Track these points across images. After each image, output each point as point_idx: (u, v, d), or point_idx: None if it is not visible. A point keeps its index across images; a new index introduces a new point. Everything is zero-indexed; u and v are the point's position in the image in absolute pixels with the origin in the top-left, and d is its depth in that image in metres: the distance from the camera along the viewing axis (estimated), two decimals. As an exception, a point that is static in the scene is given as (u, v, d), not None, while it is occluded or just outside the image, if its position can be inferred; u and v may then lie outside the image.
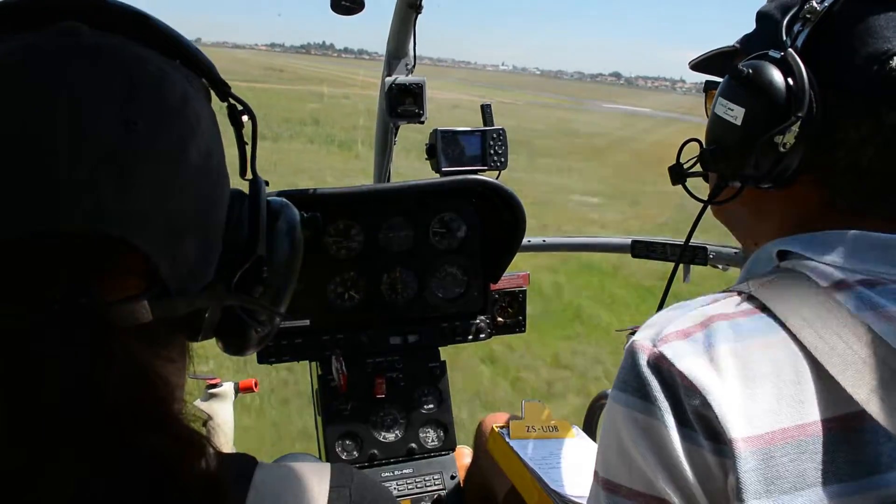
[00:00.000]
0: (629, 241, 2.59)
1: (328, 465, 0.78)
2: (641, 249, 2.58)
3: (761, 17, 0.97)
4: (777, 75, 0.86)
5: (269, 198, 0.77)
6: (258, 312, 0.75)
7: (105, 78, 0.60)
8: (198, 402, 1.91)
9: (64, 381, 0.54)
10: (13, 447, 0.54)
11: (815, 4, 0.86)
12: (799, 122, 0.84)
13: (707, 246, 2.40)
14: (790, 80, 0.85)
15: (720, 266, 2.44)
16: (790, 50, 0.86)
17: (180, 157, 0.63)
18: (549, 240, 2.71)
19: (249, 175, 0.77)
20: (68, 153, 0.56)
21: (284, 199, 0.80)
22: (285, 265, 0.78)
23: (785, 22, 0.88)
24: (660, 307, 0.97)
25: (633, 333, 2.16)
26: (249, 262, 0.71)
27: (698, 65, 1.10)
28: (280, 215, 0.78)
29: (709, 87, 1.08)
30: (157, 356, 0.64)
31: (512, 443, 1.73)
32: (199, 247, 0.66)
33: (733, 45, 1.02)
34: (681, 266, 2.48)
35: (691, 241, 1.11)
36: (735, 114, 0.91)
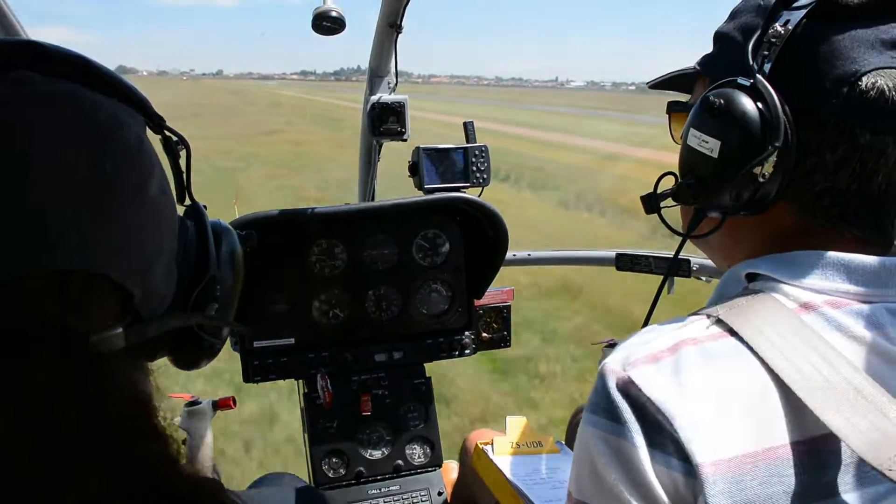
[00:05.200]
0: (613, 254, 2.61)
1: (293, 491, 0.80)
2: (626, 262, 2.59)
3: (721, 38, 0.96)
4: (750, 105, 0.85)
5: (210, 220, 0.82)
6: (215, 328, 0.80)
7: (67, 124, 0.63)
8: (177, 421, 1.91)
9: (62, 405, 0.58)
10: (31, 463, 0.57)
11: (778, 28, 0.85)
12: (776, 152, 0.84)
13: (690, 258, 2.42)
14: (764, 109, 0.84)
15: (703, 278, 2.46)
16: (759, 77, 0.85)
17: (144, 193, 0.67)
18: (534, 254, 2.73)
19: (188, 201, 0.82)
20: (42, 198, 0.60)
21: (221, 221, 0.86)
22: (231, 281, 0.83)
23: (750, 46, 0.87)
24: (646, 322, 0.97)
25: (609, 346, 2.17)
26: (204, 282, 0.76)
27: (658, 84, 1.11)
28: (222, 236, 0.83)
29: (672, 110, 1.08)
30: (134, 375, 0.68)
31: (496, 459, 1.74)
32: (164, 273, 0.71)
33: (693, 67, 1.01)
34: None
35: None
36: (710, 146, 0.88)
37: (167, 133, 0.79)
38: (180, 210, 0.79)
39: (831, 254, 0.84)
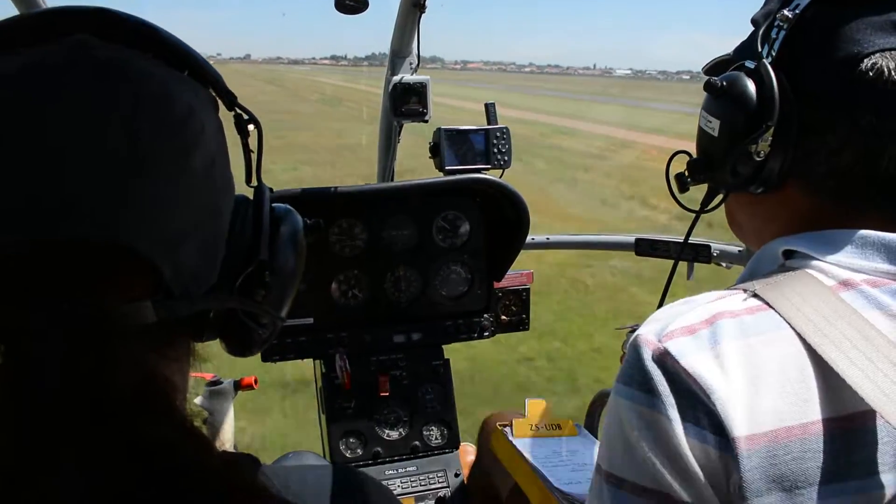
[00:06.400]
0: (633, 239, 2.59)
1: (330, 468, 0.79)
2: (645, 247, 2.57)
3: (752, 23, 0.98)
4: (748, 86, 0.88)
5: (273, 204, 0.79)
6: (260, 315, 0.77)
7: (111, 91, 0.62)
8: (198, 400, 1.92)
9: (64, 379, 0.56)
10: (15, 444, 0.55)
11: (786, 12, 0.87)
12: (771, 130, 0.86)
13: (710, 244, 2.40)
14: (761, 90, 0.87)
15: (723, 264, 2.43)
16: (763, 60, 0.88)
17: (184, 167, 0.65)
18: (553, 238, 2.72)
19: (255, 182, 0.79)
20: (74, 164, 0.58)
21: (289, 206, 0.82)
22: (288, 269, 0.79)
23: (761, 31, 0.90)
24: (660, 304, 0.97)
25: (632, 331, 2.17)
26: (252, 266, 0.73)
27: (708, 71, 1.12)
28: (284, 221, 0.80)
29: None
30: (161, 356, 0.66)
31: (515, 441, 1.73)
32: (203, 251, 0.68)
33: (729, 54, 1.03)
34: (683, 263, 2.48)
35: (695, 239, 1.13)
36: (713, 125, 0.94)
37: (238, 110, 0.77)
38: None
39: (870, 233, 0.83)
